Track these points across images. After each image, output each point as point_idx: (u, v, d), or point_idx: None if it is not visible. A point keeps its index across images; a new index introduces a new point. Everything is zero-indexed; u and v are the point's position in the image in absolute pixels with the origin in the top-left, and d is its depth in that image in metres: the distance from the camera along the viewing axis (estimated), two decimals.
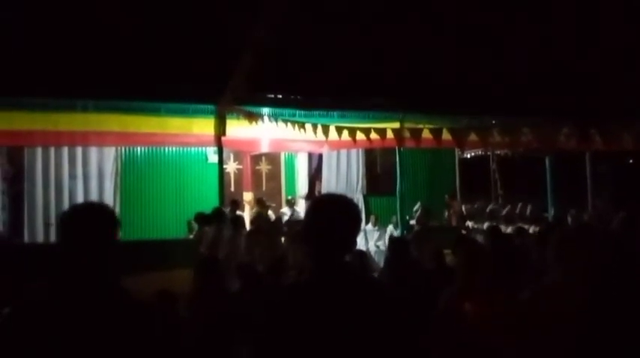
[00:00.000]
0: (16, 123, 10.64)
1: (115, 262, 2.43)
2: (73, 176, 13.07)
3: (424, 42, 12.42)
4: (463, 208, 13.74)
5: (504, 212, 12.76)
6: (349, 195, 15.41)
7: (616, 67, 13.07)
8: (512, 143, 12.38)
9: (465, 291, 4.15)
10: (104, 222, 2.43)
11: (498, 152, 17.08)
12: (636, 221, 5.26)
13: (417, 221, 12.86)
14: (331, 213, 2.44)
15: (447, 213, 15.12)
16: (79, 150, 13.08)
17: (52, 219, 12.60)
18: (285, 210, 13.71)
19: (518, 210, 12.61)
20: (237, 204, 11.95)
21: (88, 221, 2.41)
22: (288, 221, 12.49)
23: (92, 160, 13.23)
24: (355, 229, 2.49)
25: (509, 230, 10.80)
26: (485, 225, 11.81)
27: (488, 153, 16.99)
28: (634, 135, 11.83)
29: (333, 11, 12.10)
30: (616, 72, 12.91)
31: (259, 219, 11.72)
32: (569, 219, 11.74)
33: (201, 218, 10.71)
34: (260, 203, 13.23)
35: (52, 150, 12.86)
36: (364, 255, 6.34)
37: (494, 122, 12.02)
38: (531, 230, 10.86)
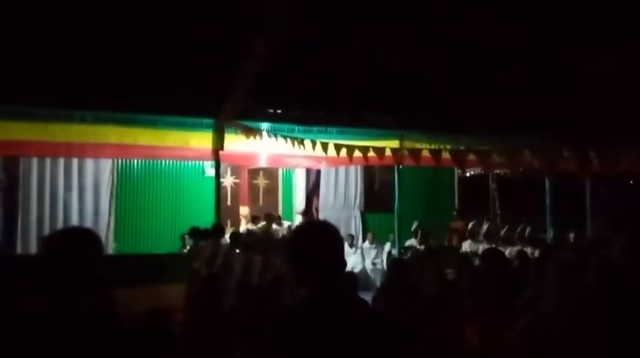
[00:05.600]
0: (12, 134, 10.52)
1: (104, 280, 2.40)
2: (68, 187, 12.98)
3: (425, 59, 12.40)
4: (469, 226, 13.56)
5: (503, 232, 12.63)
6: (347, 211, 15.63)
7: (616, 88, 13.06)
8: (512, 164, 12.31)
9: (467, 315, 4.07)
10: (86, 249, 2.41)
11: (498, 171, 17.05)
12: (637, 245, 5.17)
13: (418, 242, 12.76)
14: (314, 245, 2.43)
15: (448, 233, 15.01)
16: (74, 161, 12.98)
17: (47, 231, 12.53)
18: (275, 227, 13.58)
19: (518, 232, 12.47)
20: (222, 230, 11.46)
21: (70, 248, 2.39)
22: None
23: (88, 172, 13.12)
24: (340, 253, 2.47)
25: (507, 251, 10.69)
26: (481, 247, 11.67)
27: (488, 172, 16.96)
28: (633, 159, 11.78)
29: (335, 27, 12.07)
30: (616, 93, 12.89)
31: (254, 235, 11.65)
32: (569, 242, 11.64)
33: (197, 232, 10.62)
34: (268, 218, 13.16)
35: (48, 161, 12.76)
36: (354, 278, 6.23)
37: (494, 143, 11.94)
38: (529, 251, 10.75)
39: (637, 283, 4.08)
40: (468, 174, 17.61)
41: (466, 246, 12.38)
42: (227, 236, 11.35)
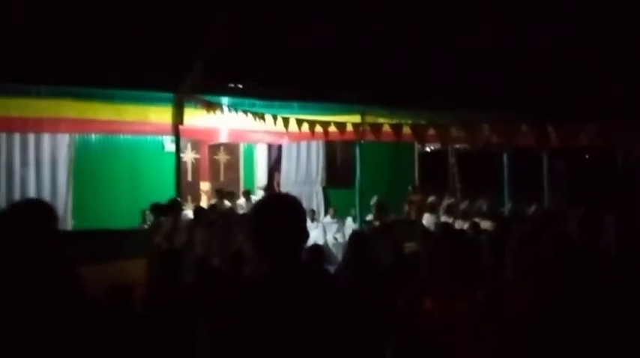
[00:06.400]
0: None
1: (62, 255, 2.36)
2: (25, 163, 12.72)
3: (388, 35, 12.40)
4: (428, 200, 13.66)
5: (462, 207, 12.78)
6: (308, 186, 15.65)
7: (572, 64, 13.24)
8: (471, 139, 12.43)
9: (425, 289, 4.10)
10: (43, 218, 2.39)
11: (457, 146, 17.21)
12: (594, 219, 5.27)
13: (373, 217, 12.87)
14: (275, 218, 2.41)
15: (407, 207, 15.20)
16: (31, 136, 12.71)
17: (2, 207, 12.29)
18: (242, 202, 13.54)
19: (476, 206, 12.62)
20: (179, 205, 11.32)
21: (26, 218, 2.37)
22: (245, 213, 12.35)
23: (45, 147, 12.86)
24: (303, 225, 2.48)
25: (465, 226, 10.84)
26: (442, 219, 11.82)
27: (448, 147, 17.10)
28: (590, 133, 11.98)
29: (297, 1, 11.99)
30: (574, 69, 13.07)
31: (217, 210, 11.59)
32: (526, 215, 11.82)
33: (157, 208, 10.53)
34: (219, 194, 13.07)
35: (4, 137, 12.48)
36: (320, 250, 6.27)
37: (453, 117, 12.03)
38: (486, 225, 10.92)
39: (592, 256, 4.17)
40: (428, 150, 17.77)
41: (424, 219, 12.51)
42: (189, 211, 11.29)
